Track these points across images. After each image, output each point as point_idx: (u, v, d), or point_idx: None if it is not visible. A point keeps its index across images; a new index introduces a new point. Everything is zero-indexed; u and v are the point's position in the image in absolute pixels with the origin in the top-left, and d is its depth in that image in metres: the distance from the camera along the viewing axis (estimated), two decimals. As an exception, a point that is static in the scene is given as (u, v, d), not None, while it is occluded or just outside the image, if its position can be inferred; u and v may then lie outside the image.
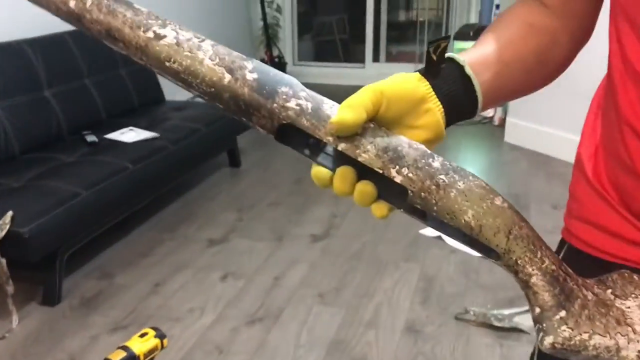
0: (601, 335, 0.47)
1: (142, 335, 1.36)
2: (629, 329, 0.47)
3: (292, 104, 0.48)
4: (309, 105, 0.48)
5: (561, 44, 0.66)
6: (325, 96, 0.50)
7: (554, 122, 3.66)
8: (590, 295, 0.48)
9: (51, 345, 2.02)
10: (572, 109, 3.58)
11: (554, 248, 1.00)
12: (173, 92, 4.12)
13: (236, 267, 2.51)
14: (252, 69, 0.49)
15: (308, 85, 0.50)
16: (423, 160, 0.48)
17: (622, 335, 0.47)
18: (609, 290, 0.49)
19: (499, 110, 4.43)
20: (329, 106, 0.49)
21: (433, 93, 0.54)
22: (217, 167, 3.65)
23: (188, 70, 0.49)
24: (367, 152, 0.48)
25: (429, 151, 0.49)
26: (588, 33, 0.68)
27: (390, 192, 0.49)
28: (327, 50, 6.62)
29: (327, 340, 2.01)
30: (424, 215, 0.50)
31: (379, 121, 0.50)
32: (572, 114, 3.58)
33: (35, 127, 2.76)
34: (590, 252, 0.67)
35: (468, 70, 0.57)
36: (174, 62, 0.49)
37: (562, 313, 0.47)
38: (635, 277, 0.50)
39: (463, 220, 0.47)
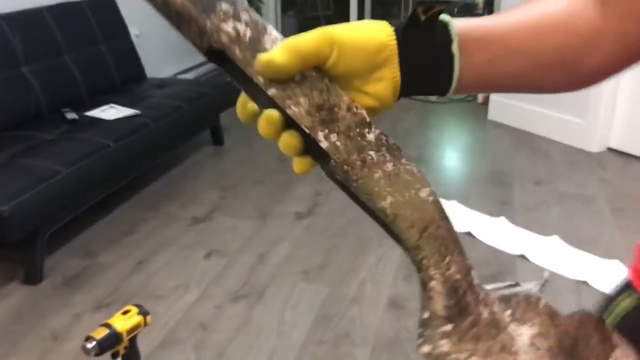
0: (479, 358, 0.44)
1: (125, 313, 1.35)
2: (511, 358, 0.45)
3: (228, 26, 0.41)
4: (248, 32, 0.42)
5: (603, 50, 0.51)
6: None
7: (537, 100, 3.67)
8: (485, 314, 0.45)
9: (33, 324, 2.01)
10: (555, 86, 3.60)
11: (543, 230, 1.00)
12: (155, 69, 4.06)
13: (220, 244, 2.50)
14: None
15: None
16: (357, 130, 0.43)
17: None
18: (509, 312, 0.46)
19: (483, 87, 4.43)
20: (270, 39, 0.42)
21: (396, 60, 0.45)
22: (200, 144, 3.62)
23: None
24: (299, 105, 0.43)
25: (368, 120, 0.44)
26: None
27: (314, 151, 0.45)
28: (311, 26, 6.35)
29: (311, 316, 2.02)
30: (343, 187, 0.45)
31: (331, 71, 0.43)
32: (555, 91, 3.60)
33: (13, 105, 2.71)
34: None
35: (454, 48, 0.46)
36: None
37: (449, 327, 0.45)
38: (541, 304, 0.47)
39: (379, 205, 0.43)
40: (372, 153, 0.43)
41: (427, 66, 0.46)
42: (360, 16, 5.86)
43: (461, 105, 4.47)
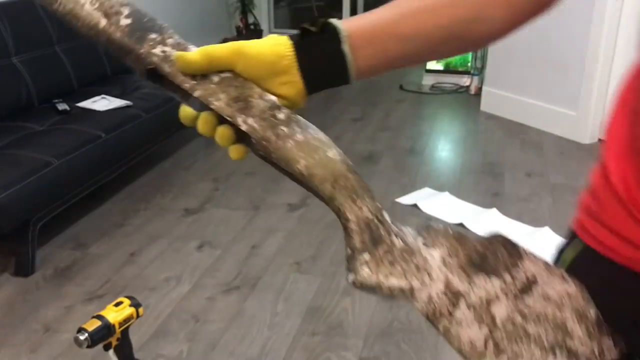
0: (397, 279, 0.52)
1: (117, 305, 1.35)
2: (426, 274, 0.52)
3: (157, 50, 0.53)
4: (173, 52, 0.53)
5: (492, 18, 0.56)
6: None
7: (529, 91, 3.68)
8: (399, 243, 0.53)
9: (25, 315, 2.00)
10: (547, 78, 3.60)
11: (535, 222, 1.01)
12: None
13: (212, 236, 2.50)
14: (128, 15, 0.53)
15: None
16: (269, 112, 0.53)
17: (418, 280, 0.52)
18: (420, 239, 0.54)
19: (475, 79, 4.44)
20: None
21: (295, 67, 0.53)
22: (192, 136, 3.61)
23: (71, 13, 0.52)
24: (219, 100, 0.52)
25: (278, 103, 0.53)
26: (544, 4, 0.58)
27: (244, 137, 0.54)
28: (303, 17, 6.53)
29: (303, 307, 2.03)
30: (267, 160, 0.55)
31: (241, 75, 0.53)
32: (547, 83, 3.61)
33: (3, 96, 2.70)
34: (606, 254, 0.63)
35: (345, 48, 0.53)
36: (59, 4, 0.52)
37: (366, 256, 0.53)
38: (450, 231, 0.54)
39: (295, 168, 0.53)
40: (283, 128, 0.53)
41: (324, 67, 0.55)
42: (353, 6, 5.85)
43: (454, 96, 4.47)
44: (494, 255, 0.54)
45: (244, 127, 0.53)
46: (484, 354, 0.52)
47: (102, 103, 2.84)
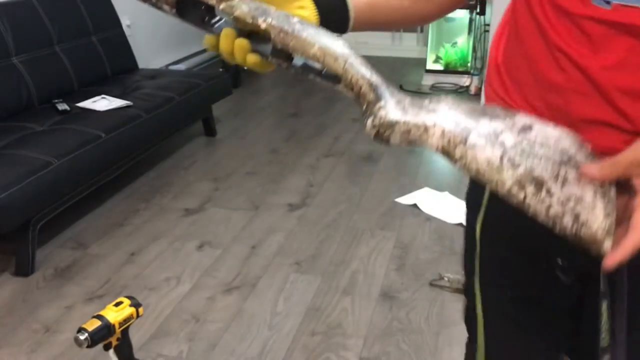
0: (412, 117, 0.62)
1: (117, 305, 1.35)
2: (436, 115, 0.62)
3: None
4: None
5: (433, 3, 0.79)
6: None
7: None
8: (407, 97, 0.63)
9: (25, 315, 2.00)
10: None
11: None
12: (147, 60, 4.05)
13: (212, 236, 2.50)
14: None
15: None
16: (284, 17, 0.62)
17: (430, 119, 0.61)
18: (426, 101, 0.64)
19: (475, 79, 4.44)
20: None
21: (312, 2, 0.70)
22: (192, 136, 3.61)
23: None
24: (241, 9, 0.62)
25: (291, 14, 0.63)
26: None
27: (260, 40, 0.63)
28: None
29: (303, 307, 2.03)
30: (287, 56, 0.63)
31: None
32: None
33: (3, 96, 2.70)
34: None
35: (348, 2, 0.71)
36: None
37: (381, 103, 0.62)
38: (449, 98, 0.64)
39: (312, 52, 0.62)
40: (297, 26, 0.62)
41: (333, 6, 0.71)
42: None
43: (454, 96, 4.47)
44: (492, 110, 0.64)
45: (263, 26, 0.61)
46: (501, 168, 0.59)
47: (102, 103, 2.84)
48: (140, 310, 1.39)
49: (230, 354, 1.83)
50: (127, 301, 1.37)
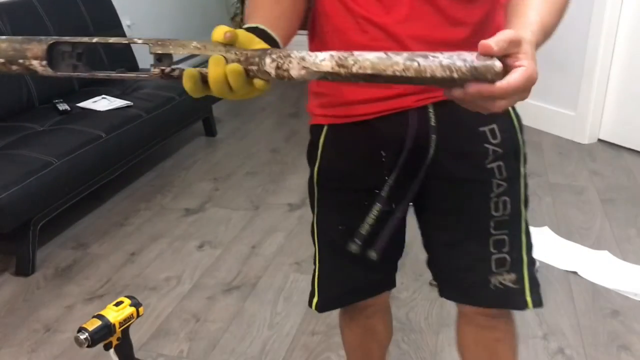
0: (304, 51, 0.71)
1: (117, 304, 1.35)
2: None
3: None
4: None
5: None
6: None
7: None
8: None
9: (25, 315, 2.01)
10: (546, 79, 3.60)
11: (534, 221, 1.05)
12: (147, 60, 4.05)
13: (213, 236, 2.50)
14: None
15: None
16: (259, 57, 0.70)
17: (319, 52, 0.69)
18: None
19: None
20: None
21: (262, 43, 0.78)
22: (193, 136, 3.62)
23: None
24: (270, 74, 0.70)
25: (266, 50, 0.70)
26: None
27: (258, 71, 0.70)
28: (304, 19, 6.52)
29: (303, 307, 2.03)
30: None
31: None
32: (546, 83, 3.60)
33: (4, 96, 2.70)
34: (349, 121, 1.02)
35: (273, 34, 0.81)
36: None
37: (271, 50, 0.71)
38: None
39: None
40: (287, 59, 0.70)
41: (270, 41, 0.80)
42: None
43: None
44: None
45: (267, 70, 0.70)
46: (390, 56, 0.66)
47: (102, 103, 2.85)
48: (141, 310, 1.39)
49: (230, 353, 1.83)
50: (127, 301, 1.37)
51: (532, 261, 1.10)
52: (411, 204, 1.11)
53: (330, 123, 1.06)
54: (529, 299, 1.07)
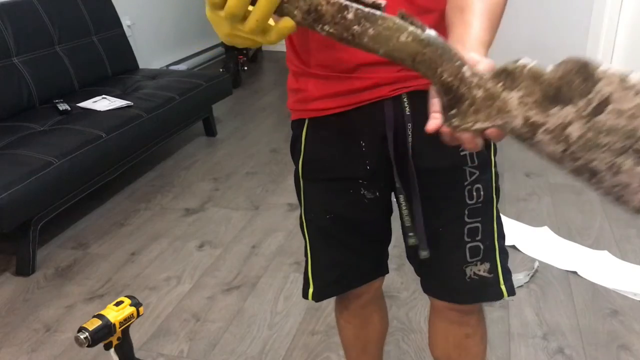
0: (482, 122, 0.63)
1: (118, 304, 1.36)
2: (505, 115, 0.62)
3: None
4: None
5: None
6: None
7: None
8: (480, 93, 0.62)
9: (26, 315, 2.01)
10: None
11: (534, 221, 1.05)
12: (147, 60, 4.05)
13: (213, 236, 2.51)
14: None
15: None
16: (339, 15, 0.61)
17: (500, 120, 0.62)
18: (500, 84, 0.62)
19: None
20: None
21: None
22: (193, 136, 3.62)
23: None
24: (295, 16, 0.62)
25: (344, 4, 0.61)
26: None
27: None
28: None
29: (303, 307, 2.03)
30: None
31: None
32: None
33: (4, 96, 2.70)
34: (327, 114, 1.04)
35: None
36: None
37: (454, 112, 0.64)
38: (526, 70, 0.61)
39: (378, 54, 0.62)
40: (355, 27, 0.61)
41: None
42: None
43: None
44: (568, 86, 0.60)
45: (323, 34, 0.62)
46: (563, 159, 0.62)
47: (102, 103, 2.85)
48: (141, 309, 1.39)
49: (230, 353, 1.83)
50: (127, 301, 1.37)
51: (503, 250, 1.11)
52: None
53: (310, 117, 1.09)
54: (503, 287, 1.09)
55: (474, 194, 1.06)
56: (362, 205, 1.10)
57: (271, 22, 0.64)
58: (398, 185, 1.07)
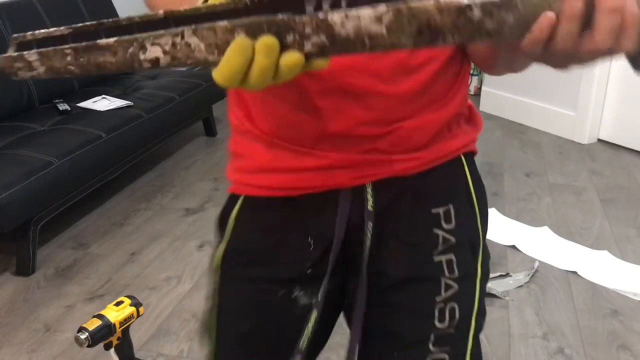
0: None
1: (118, 304, 1.36)
2: None
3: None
4: None
5: None
6: None
7: (528, 91, 3.69)
8: None
9: (26, 315, 2.01)
10: (546, 79, 3.61)
11: (534, 221, 1.02)
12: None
13: (213, 236, 2.50)
14: None
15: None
16: (462, 18, 0.46)
17: None
18: None
19: (475, 79, 4.44)
20: None
21: None
22: (193, 136, 3.62)
23: None
24: (405, 46, 0.48)
25: (463, 4, 0.46)
26: None
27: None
28: None
29: (303, 307, 2.03)
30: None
31: None
32: (546, 83, 3.61)
33: (4, 96, 2.70)
34: (269, 194, 0.80)
35: None
36: None
37: None
38: None
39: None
40: (488, 24, 0.46)
41: None
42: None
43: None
44: None
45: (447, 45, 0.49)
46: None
47: (102, 103, 2.85)
48: (141, 309, 1.39)
49: (230, 353, 1.83)
50: (127, 300, 1.37)
51: None
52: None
53: (247, 194, 0.84)
54: None
55: (447, 314, 0.80)
56: (291, 311, 0.83)
57: None
58: (313, 301, 0.81)
